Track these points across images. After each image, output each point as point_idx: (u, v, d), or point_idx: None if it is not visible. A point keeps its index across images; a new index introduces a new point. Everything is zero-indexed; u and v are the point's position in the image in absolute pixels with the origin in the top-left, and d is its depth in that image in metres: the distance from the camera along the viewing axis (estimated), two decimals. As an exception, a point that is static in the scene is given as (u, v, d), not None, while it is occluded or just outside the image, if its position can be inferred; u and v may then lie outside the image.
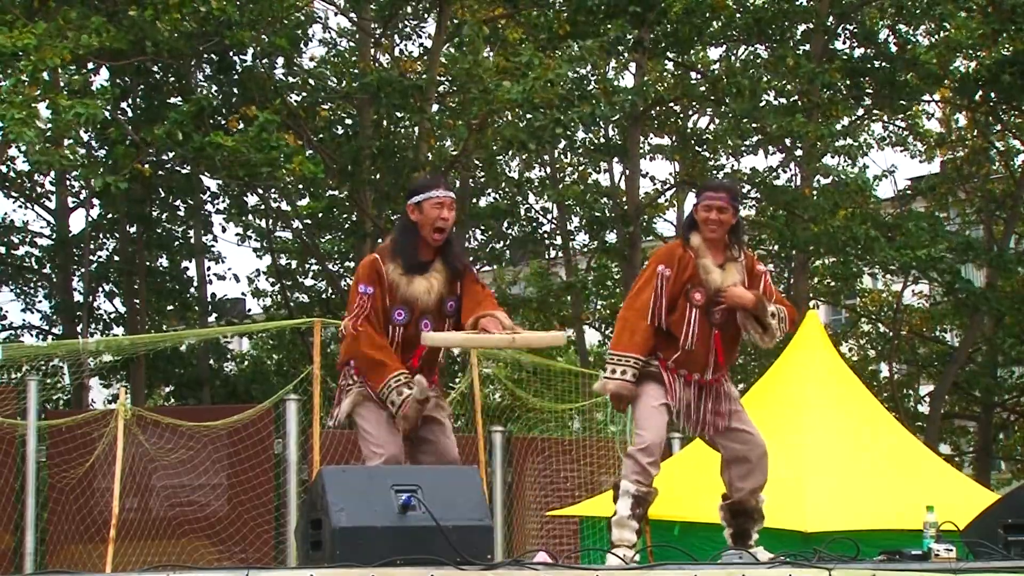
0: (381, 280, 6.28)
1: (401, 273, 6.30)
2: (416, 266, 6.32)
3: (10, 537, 12.35)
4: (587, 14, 18.42)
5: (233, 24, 16.02)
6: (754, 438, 6.73)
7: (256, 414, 12.74)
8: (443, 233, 6.33)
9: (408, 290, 6.30)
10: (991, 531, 6.60)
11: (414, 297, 6.30)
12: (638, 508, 6.54)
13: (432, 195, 6.33)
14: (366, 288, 6.26)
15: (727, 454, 6.74)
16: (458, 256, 6.48)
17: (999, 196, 24.32)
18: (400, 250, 6.33)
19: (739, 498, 6.72)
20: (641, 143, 23.91)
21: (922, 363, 26.40)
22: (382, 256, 6.35)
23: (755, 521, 6.77)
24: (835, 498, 9.84)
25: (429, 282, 6.32)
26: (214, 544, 12.76)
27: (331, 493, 5.26)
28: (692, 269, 6.60)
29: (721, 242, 6.68)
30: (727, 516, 6.79)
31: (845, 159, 21.82)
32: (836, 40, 21.87)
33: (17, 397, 12.52)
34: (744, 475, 6.71)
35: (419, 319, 6.31)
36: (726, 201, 6.64)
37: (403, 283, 6.30)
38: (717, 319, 6.63)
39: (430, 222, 6.31)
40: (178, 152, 16.83)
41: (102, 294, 22.00)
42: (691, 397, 6.62)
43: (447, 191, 6.41)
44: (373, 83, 17.74)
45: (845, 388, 11.24)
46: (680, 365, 6.60)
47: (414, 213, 6.35)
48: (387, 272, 6.29)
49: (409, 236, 6.34)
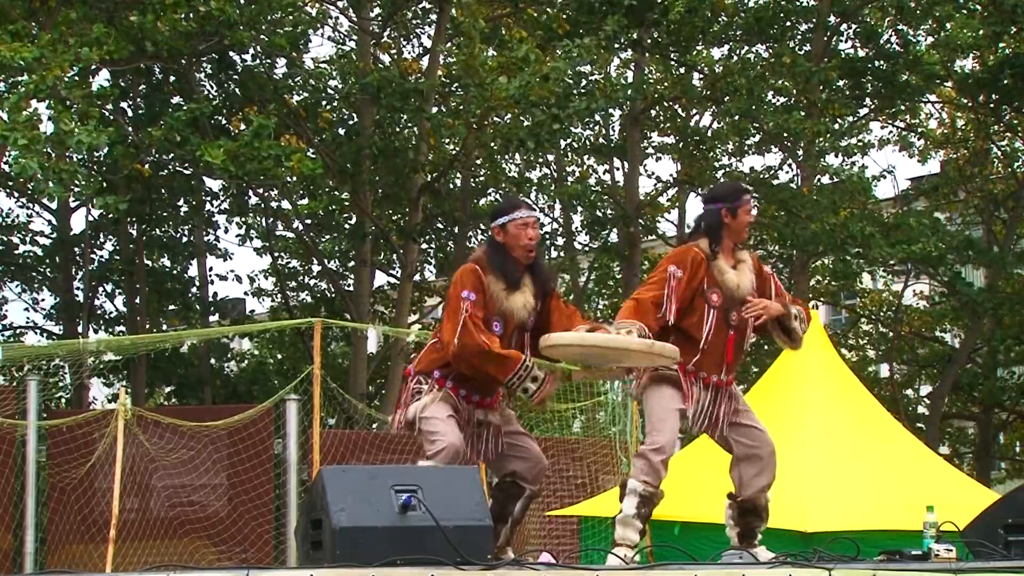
0: (484, 289, 6.38)
1: (503, 287, 6.42)
2: (514, 281, 6.44)
3: (11, 537, 12.35)
4: (588, 13, 18.43)
5: (233, 24, 16.03)
6: (764, 436, 6.75)
7: (256, 414, 12.75)
8: (533, 252, 6.50)
9: (507, 304, 6.42)
10: (991, 531, 6.60)
11: (511, 311, 6.42)
12: (644, 508, 6.54)
13: (516, 216, 6.48)
14: (470, 294, 6.34)
15: (738, 451, 6.75)
16: (547, 274, 6.66)
17: (1000, 196, 24.33)
18: (500, 265, 6.44)
19: (749, 496, 6.73)
20: (644, 142, 23.94)
21: (922, 364, 26.41)
22: (480, 266, 6.45)
23: (762, 520, 6.78)
24: (835, 498, 9.85)
25: (525, 297, 6.46)
26: (214, 544, 12.77)
27: (331, 493, 5.26)
28: (705, 271, 6.62)
29: (732, 244, 6.73)
30: (734, 515, 6.78)
31: (845, 158, 21.83)
32: (838, 40, 21.88)
33: (17, 397, 12.53)
34: (755, 473, 6.72)
35: (512, 333, 6.44)
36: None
37: (503, 296, 6.41)
38: (733, 320, 6.67)
39: (518, 242, 6.45)
40: (177, 154, 16.83)
41: (103, 294, 22.01)
42: (708, 400, 6.65)
43: (530, 211, 6.56)
44: (374, 83, 17.75)
45: (845, 388, 11.26)
46: (699, 367, 6.63)
47: (499, 234, 6.49)
48: (488, 283, 6.40)
49: (503, 253, 6.46)
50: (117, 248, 21.94)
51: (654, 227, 25.62)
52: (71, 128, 13.64)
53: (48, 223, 22.23)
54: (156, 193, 20.12)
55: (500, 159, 21.50)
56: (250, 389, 22.08)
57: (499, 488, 6.58)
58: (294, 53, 18.91)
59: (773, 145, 22.25)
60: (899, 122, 24.30)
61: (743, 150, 23.26)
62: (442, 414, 6.33)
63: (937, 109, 24.59)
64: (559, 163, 24.74)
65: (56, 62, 13.66)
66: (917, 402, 26.75)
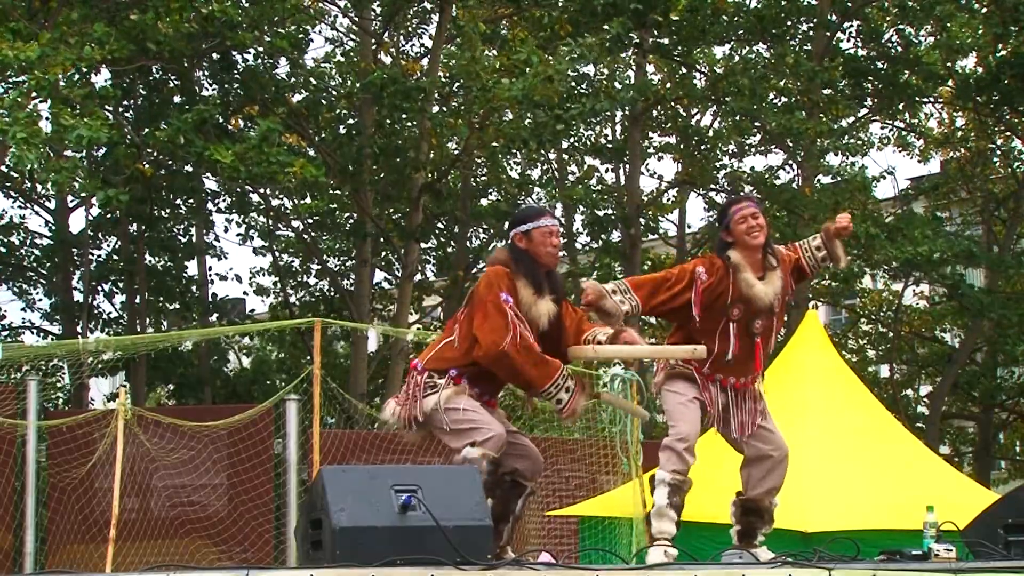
0: (516, 292, 6.34)
1: (531, 293, 6.37)
2: (541, 288, 6.41)
3: (11, 537, 12.36)
4: (590, 15, 18.42)
5: (235, 25, 16.02)
6: (778, 439, 6.77)
7: (256, 414, 12.75)
8: (555, 260, 6.49)
9: (533, 310, 6.36)
10: (991, 531, 6.60)
11: (536, 318, 6.36)
12: (675, 496, 6.56)
13: (541, 224, 6.43)
14: (507, 297, 6.29)
15: (749, 452, 6.76)
16: (561, 280, 6.66)
17: (1000, 197, 24.32)
18: (527, 272, 6.38)
19: (754, 496, 6.74)
20: (645, 142, 23.94)
21: (922, 363, 26.40)
22: (512, 267, 6.41)
23: (764, 522, 6.78)
24: (835, 498, 9.85)
25: (548, 305, 6.42)
26: (214, 544, 12.77)
27: (331, 493, 5.25)
28: (730, 283, 6.61)
29: (759, 252, 6.70)
30: (737, 512, 6.80)
31: (846, 157, 21.82)
32: (840, 38, 21.86)
33: (17, 397, 12.52)
34: (764, 475, 6.74)
35: (536, 339, 6.36)
36: (756, 206, 6.73)
37: (531, 302, 6.36)
38: (758, 328, 6.67)
39: (544, 249, 6.41)
40: (180, 155, 16.83)
41: (102, 294, 22.01)
42: (726, 400, 6.66)
43: (553, 219, 6.54)
44: (376, 82, 17.74)
45: (845, 388, 11.26)
46: (716, 371, 6.65)
47: (522, 241, 6.43)
48: (519, 288, 6.36)
49: (528, 260, 6.41)
50: (116, 248, 21.95)
51: (656, 228, 25.61)
52: (70, 123, 13.64)
53: (46, 223, 22.24)
54: (156, 193, 20.13)
55: (502, 159, 21.50)
56: (250, 389, 22.08)
57: (500, 487, 6.56)
58: (295, 53, 18.90)
59: (774, 145, 22.23)
60: (899, 122, 24.30)
61: (744, 150, 23.25)
62: (475, 404, 6.27)
63: (937, 109, 24.59)
64: (560, 163, 24.74)
65: (58, 61, 13.67)
66: (917, 402, 26.74)
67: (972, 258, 21.62)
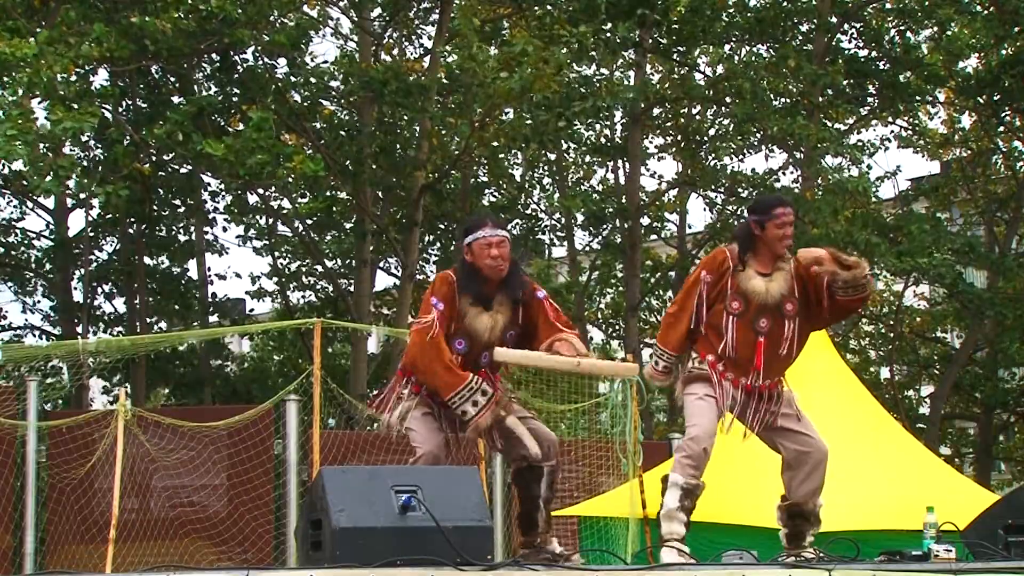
0: (453, 301, 6.32)
1: (470, 303, 6.35)
2: (482, 300, 6.37)
3: (10, 537, 12.34)
4: (592, 16, 18.42)
5: (234, 23, 16.01)
6: (815, 442, 6.79)
7: (256, 414, 12.73)
8: (498, 271, 6.36)
9: (472, 323, 6.35)
10: (991, 532, 6.60)
11: (476, 332, 6.36)
12: (686, 500, 6.58)
13: (479, 235, 6.37)
14: (438, 303, 6.29)
15: (787, 455, 6.80)
16: (519, 285, 6.48)
17: (1001, 197, 24.30)
18: (466, 287, 6.35)
19: (796, 500, 6.78)
20: (646, 143, 23.92)
21: (923, 364, 26.38)
22: (457, 278, 6.38)
23: (811, 524, 6.83)
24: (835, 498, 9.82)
25: (494, 319, 6.38)
26: (214, 544, 12.75)
27: (331, 493, 5.26)
28: (729, 277, 6.63)
29: (773, 256, 6.71)
30: (783, 517, 6.85)
31: (847, 161, 21.78)
32: (840, 39, 21.84)
33: (17, 397, 12.51)
34: (803, 478, 6.77)
35: (480, 352, 6.38)
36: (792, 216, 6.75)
37: (470, 314, 6.35)
38: (763, 326, 6.65)
39: (481, 261, 6.34)
40: (178, 152, 16.82)
41: (102, 294, 21.99)
42: (740, 398, 6.67)
43: (495, 229, 6.40)
44: (377, 79, 17.72)
45: (846, 389, 11.24)
46: (726, 368, 6.67)
47: (468, 254, 6.40)
48: (459, 296, 6.34)
49: (471, 273, 6.37)
50: (116, 248, 21.93)
51: (659, 227, 25.59)
52: (58, 118, 13.65)
53: (46, 224, 22.22)
54: (155, 192, 20.11)
55: (504, 158, 21.49)
56: (250, 389, 22.05)
57: (517, 475, 6.54)
58: (295, 52, 18.88)
59: (775, 147, 22.20)
60: (900, 122, 24.28)
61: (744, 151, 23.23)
62: (419, 417, 6.36)
63: (942, 106, 24.54)
64: (560, 163, 24.71)
65: (56, 59, 13.65)
66: (918, 403, 26.72)
67: (972, 254, 21.59)
